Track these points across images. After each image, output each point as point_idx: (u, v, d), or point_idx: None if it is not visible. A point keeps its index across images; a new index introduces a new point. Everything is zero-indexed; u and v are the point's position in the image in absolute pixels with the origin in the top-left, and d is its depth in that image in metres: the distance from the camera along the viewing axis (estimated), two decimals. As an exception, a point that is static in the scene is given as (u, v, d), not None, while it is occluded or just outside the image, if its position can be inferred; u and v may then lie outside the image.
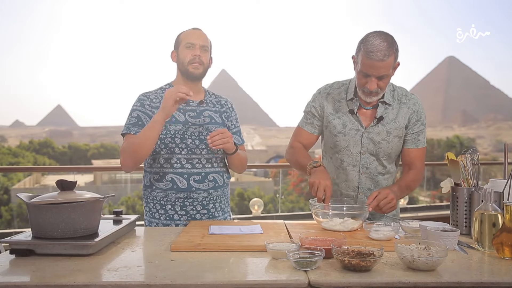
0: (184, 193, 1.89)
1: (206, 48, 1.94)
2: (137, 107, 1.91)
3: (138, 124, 1.86)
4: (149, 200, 1.95)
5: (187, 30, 1.98)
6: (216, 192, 1.95)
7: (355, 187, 1.96)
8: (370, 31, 1.80)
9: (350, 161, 1.94)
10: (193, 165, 1.90)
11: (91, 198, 1.42)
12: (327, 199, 1.71)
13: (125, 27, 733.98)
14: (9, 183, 19.91)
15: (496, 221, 1.42)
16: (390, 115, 1.92)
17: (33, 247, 1.33)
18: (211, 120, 1.96)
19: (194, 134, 1.90)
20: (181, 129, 1.89)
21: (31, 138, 62.93)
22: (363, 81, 1.81)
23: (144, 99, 1.93)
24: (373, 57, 1.72)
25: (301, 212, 6.32)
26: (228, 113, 2.05)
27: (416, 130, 1.94)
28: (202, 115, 1.95)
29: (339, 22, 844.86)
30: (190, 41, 1.92)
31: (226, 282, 1.14)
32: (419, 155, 1.97)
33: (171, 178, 1.89)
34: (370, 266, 1.20)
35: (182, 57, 1.92)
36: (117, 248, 1.45)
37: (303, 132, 2.03)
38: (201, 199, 1.91)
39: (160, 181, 1.90)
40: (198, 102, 1.98)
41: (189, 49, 1.91)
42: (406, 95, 1.96)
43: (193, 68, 1.91)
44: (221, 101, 2.06)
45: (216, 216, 1.96)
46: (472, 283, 1.16)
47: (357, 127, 1.92)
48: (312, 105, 2.01)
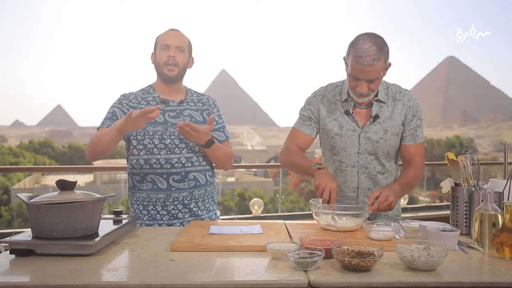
0: (164, 193, 1.89)
1: (182, 49, 1.94)
2: (116, 104, 1.96)
3: (112, 119, 1.90)
4: (133, 201, 1.96)
5: (164, 32, 1.98)
6: (198, 191, 1.95)
7: (355, 188, 1.96)
8: (360, 33, 1.79)
9: (349, 162, 1.94)
10: (172, 165, 1.89)
11: (91, 198, 1.42)
12: (333, 201, 1.71)
13: (125, 27, 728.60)
14: (9, 183, 19.91)
15: (496, 221, 1.42)
16: (386, 112, 1.92)
17: (33, 247, 1.33)
18: (191, 119, 1.96)
19: (173, 134, 1.91)
20: (159, 129, 1.90)
21: (31, 138, 62.92)
22: (353, 84, 1.82)
23: (123, 98, 1.97)
24: (363, 62, 1.72)
25: (301, 212, 6.32)
26: (210, 110, 2.04)
27: (413, 126, 1.94)
28: (182, 115, 1.96)
29: (339, 22, 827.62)
30: (165, 42, 1.92)
31: (226, 282, 1.14)
32: (418, 150, 1.97)
33: (151, 179, 1.90)
34: (370, 266, 1.20)
35: (158, 59, 1.94)
36: (117, 248, 1.45)
37: (299, 134, 2.02)
38: (181, 198, 1.91)
39: (142, 182, 1.91)
40: (178, 101, 1.98)
41: (164, 51, 1.92)
42: (400, 91, 1.96)
43: (167, 70, 1.92)
44: (203, 99, 2.05)
45: (200, 215, 1.96)
46: (472, 283, 1.16)
47: (353, 127, 1.92)
48: (308, 108, 2.01)
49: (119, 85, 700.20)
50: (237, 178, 21.28)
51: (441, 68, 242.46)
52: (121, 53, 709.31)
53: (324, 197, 1.70)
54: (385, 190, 1.76)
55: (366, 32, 1.80)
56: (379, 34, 1.78)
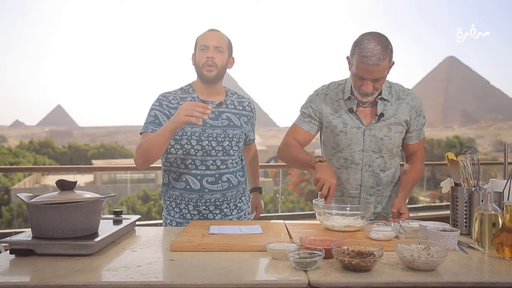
0: (197, 194, 1.91)
1: (221, 49, 1.92)
2: (156, 106, 1.93)
3: (155, 123, 1.89)
4: (166, 197, 1.99)
5: (203, 32, 1.97)
6: (231, 192, 1.97)
7: (357, 185, 1.96)
8: (364, 33, 1.79)
9: (353, 159, 1.94)
10: (207, 166, 1.90)
11: (91, 198, 1.42)
12: (329, 198, 1.70)
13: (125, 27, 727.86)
14: (9, 183, 19.91)
15: (496, 221, 1.42)
16: (390, 111, 1.93)
17: (33, 247, 1.33)
18: (230, 122, 1.96)
19: (211, 136, 1.91)
20: (197, 130, 1.90)
21: (31, 138, 62.94)
22: (358, 83, 1.82)
23: (162, 99, 1.95)
24: (368, 62, 1.73)
25: (301, 212, 6.32)
26: (249, 117, 2.05)
27: (419, 125, 1.99)
28: (220, 117, 1.95)
29: (339, 22, 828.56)
30: (204, 43, 1.91)
31: (226, 282, 1.14)
32: (421, 146, 2.05)
33: (186, 179, 1.91)
34: (370, 266, 1.20)
35: (198, 59, 1.93)
36: (117, 248, 1.45)
37: (299, 130, 2.02)
38: (214, 199, 1.93)
39: (177, 180, 1.93)
40: (217, 103, 1.97)
41: (203, 52, 1.90)
42: (404, 90, 1.98)
43: (206, 71, 1.90)
44: (244, 103, 2.05)
45: (229, 216, 1.98)
46: (472, 283, 1.16)
47: (358, 125, 1.93)
48: (310, 105, 2.01)
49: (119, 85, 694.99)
50: (237, 178, 21.28)
51: (441, 68, 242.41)
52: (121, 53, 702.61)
53: (322, 192, 1.69)
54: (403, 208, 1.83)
55: (370, 31, 1.80)
56: (382, 34, 1.78)
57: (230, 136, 1.93)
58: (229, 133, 1.93)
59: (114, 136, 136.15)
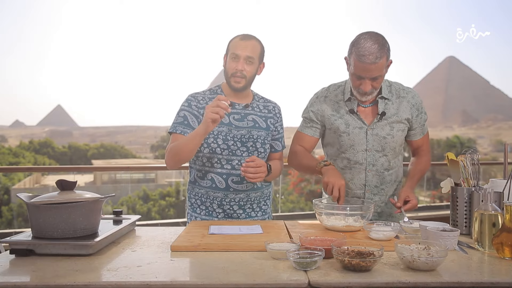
0: (222, 192, 1.92)
1: (252, 60, 1.88)
2: (185, 107, 1.95)
3: (184, 124, 1.90)
4: (191, 195, 2.00)
5: (235, 38, 1.92)
6: (255, 194, 1.98)
7: (362, 185, 1.97)
8: (361, 33, 1.81)
9: (357, 159, 1.95)
10: (232, 166, 1.91)
11: (91, 198, 1.42)
12: (342, 199, 1.73)
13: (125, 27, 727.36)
14: (9, 183, 19.91)
15: (496, 221, 1.42)
16: (391, 109, 1.94)
17: (33, 247, 1.33)
18: (255, 124, 1.97)
19: (236, 137, 1.92)
20: (224, 130, 1.91)
21: (31, 138, 62.94)
22: (357, 83, 1.84)
23: (191, 99, 1.96)
24: (365, 61, 1.74)
25: (301, 212, 6.31)
26: (275, 119, 2.04)
27: (422, 122, 2.01)
28: (246, 119, 1.96)
29: (339, 22, 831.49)
30: (236, 52, 1.88)
31: (226, 282, 1.14)
32: (426, 139, 2.08)
33: (211, 177, 1.92)
34: (370, 266, 1.20)
35: (227, 67, 1.91)
36: (117, 248, 1.45)
37: (304, 136, 2.05)
38: (238, 199, 1.94)
39: (202, 178, 1.95)
40: (244, 105, 1.98)
41: (234, 61, 1.88)
42: (403, 89, 2.00)
43: (234, 81, 1.90)
44: (269, 106, 2.05)
45: (253, 217, 1.99)
46: (472, 283, 1.16)
47: (360, 125, 1.93)
48: (310, 110, 2.03)
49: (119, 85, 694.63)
50: (237, 178, 21.26)
51: (441, 68, 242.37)
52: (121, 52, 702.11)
53: (334, 194, 1.73)
54: (412, 196, 1.84)
55: (366, 31, 1.80)
56: (379, 33, 1.79)
57: (254, 137, 1.94)
58: (253, 134, 1.95)
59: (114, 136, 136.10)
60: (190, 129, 1.89)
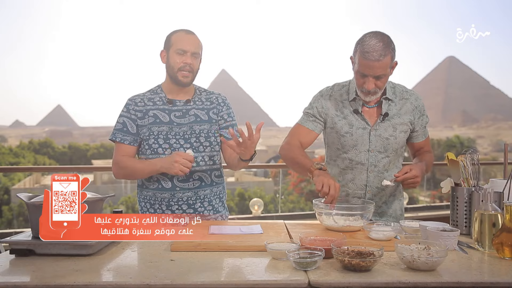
0: (168, 193, 1.90)
1: (197, 55, 1.92)
2: (124, 112, 1.94)
3: (123, 131, 1.90)
4: (141, 199, 1.98)
5: (179, 33, 1.93)
6: (204, 191, 1.94)
7: (363, 186, 1.96)
8: (367, 32, 1.81)
9: (359, 159, 1.94)
10: None
11: (91, 198, 1.42)
12: (335, 200, 1.68)
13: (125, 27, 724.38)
14: (9, 183, 19.91)
15: (496, 221, 1.42)
16: (394, 110, 1.94)
17: (33, 247, 1.34)
18: (196, 118, 1.95)
19: (178, 134, 1.90)
20: (164, 129, 1.90)
21: (31, 138, 62.91)
22: (361, 81, 1.83)
23: (130, 103, 1.95)
24: (369, 57, 1.74)
25: (301, 212, 6.31)
26: (218, 108, 2.01)
27: (423, 124, 2.01)
28: (187, 114, 1.94)
29: (339, 22, 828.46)
30: (182, 47, 1.88)
31: (226, 282, 1.14)
32: (427, 141, 2.08)
33: (157, 178, 1.90)
34: (370, 266, 1.20)
35: (172, 62, 1.90)
36: (117, 248, 1.45)
37: (302, 129, 2.01)
38: (186, 198, 1.91)
39: (149, 180, 1.92)
40: (185, 101, 1.97)
41: (180, 56, 1.88)
42: (407, 91, 2.00)
43: (182, 76, 1.89)
44: (211, 98, 2.02)
45: (206, 216, 1.95)
46: (472, 283, 1.16)
47: (363, 125, 1.93)
48: (314, 106, 2.00)
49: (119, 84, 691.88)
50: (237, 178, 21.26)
51: (441, 68, 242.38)
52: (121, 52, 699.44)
53: (324, 190, 1.66)
54: (415, 169, 1.80)
55: (372, 30, 1.82)
56: (385, 33, 1.80)
57: (197, 132, 1.92)
58: (195, 129, 1.92)
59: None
60: (129, 135, 1.89)
